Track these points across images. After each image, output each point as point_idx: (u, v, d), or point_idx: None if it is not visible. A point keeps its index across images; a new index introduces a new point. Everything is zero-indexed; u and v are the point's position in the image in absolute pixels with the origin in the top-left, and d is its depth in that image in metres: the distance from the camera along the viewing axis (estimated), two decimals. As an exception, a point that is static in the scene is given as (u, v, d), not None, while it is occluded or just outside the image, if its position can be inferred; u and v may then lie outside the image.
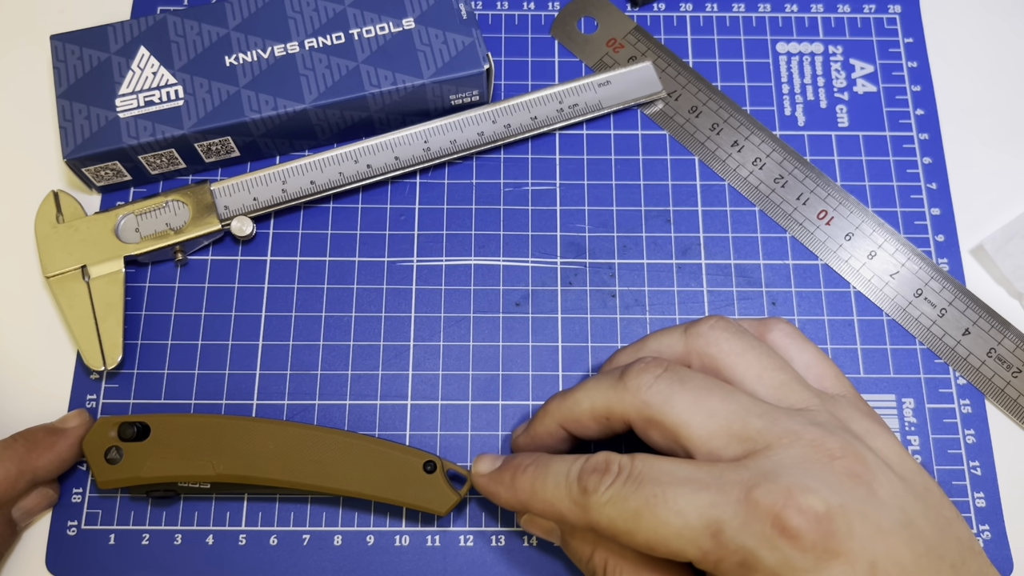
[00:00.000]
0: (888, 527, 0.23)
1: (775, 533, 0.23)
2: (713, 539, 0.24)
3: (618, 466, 0.26)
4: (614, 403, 0.28)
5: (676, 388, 0.27)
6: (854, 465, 0.24)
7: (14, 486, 0.31)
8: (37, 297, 0.37)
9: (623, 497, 0.25)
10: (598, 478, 0.26)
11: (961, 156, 0.40)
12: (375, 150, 0.37)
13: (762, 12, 0.42)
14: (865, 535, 0.23)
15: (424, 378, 0.36)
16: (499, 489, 0.29)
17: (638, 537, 0.25)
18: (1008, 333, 0.36)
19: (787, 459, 0.24)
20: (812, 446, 0.25)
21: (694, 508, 0.24)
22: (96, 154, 0.36)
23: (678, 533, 0.24)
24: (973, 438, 0.35)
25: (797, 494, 0.23)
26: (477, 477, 0.30)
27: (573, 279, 0.37)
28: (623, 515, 0.25)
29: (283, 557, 0.33)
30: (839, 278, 0.38)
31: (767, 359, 0.28)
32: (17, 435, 0.33)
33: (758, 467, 0.24)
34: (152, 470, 0.32)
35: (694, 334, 0.29)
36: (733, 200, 0.39)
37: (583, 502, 0.26)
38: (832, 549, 0.23)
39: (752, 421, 0.26)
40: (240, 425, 0.33)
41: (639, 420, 0.27)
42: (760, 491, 0.23)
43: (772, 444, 0.25)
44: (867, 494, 0.24)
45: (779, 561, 0.23)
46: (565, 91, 0.39)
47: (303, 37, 0.37)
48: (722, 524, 0.23)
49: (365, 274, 0.37)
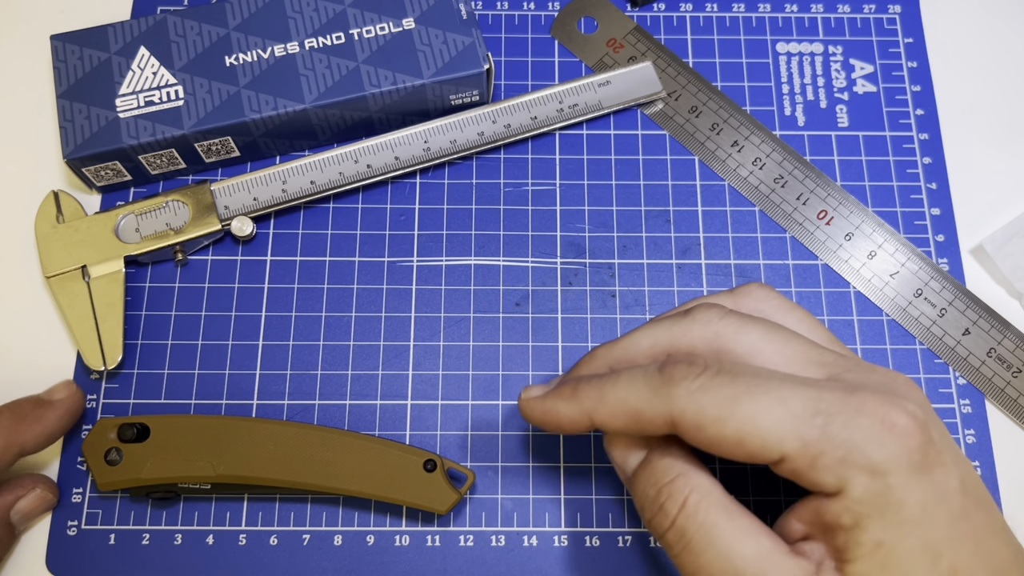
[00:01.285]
0: (961, 456, 0.24)
1: (884, 430, 0.23)
2: (819, 430, 0.23)
3: (705, 361, 0.25)
4: (679, 337, 0.27)
5: (746, 320, 0.26)
6: (926, 401, 0.25)
7: (0, 459, 0.31)
8: (37, 297, 0.37)
9: (718, 384, 0.24)
10: (686, 368, 0.24)
11: (961, 156, 0.40)
12: (375, 150, 0.37)
13: (762, 12, 0.42)
14: (952, 453, 0.24)
15: (424, 378, 0.36)
16: (558, 402, 0.27)
17: (729, 425, 0.23)
18: (1008, 333, 0.36)
19: (871, 380, 0.24)
20: (887, 376, 0.25)
21: (799, 398, 0.23)
22: (96, 154, 0.36)
23: (779, 421, 0.23)
24: (973, 438, 0.35)
25: (899, 399, 0.23)
26: (529, 401, 0.28)
27: (573, 279, 0.37)
28: (716, 401, 0.23)
29: (283, 557, 0.33)
30: (839, 278, 0.38)
31: (814, 319, 0.28)
32: (3, 407, 0.32)
33: (849, 380, 0.24)
34: (152, 471, 0.32)
35: (743, 292, 0.29)
36: (733, 200, 0.39)
37: (667, 391, 0.24)
38: (932, 456, 0.23)
39: (824, 353, 0.26)
40: (240, 425, 0.33)
41: (708, 352, 0.26)
42: (864, 392, 0.23)
43: (851, 369, 0.25)
44: (942, 425, 0.24)
45: (887, 457, 0.22)
46: (565, 91, 0.39)
47: (303, 37, 0.37)
48: (830, 416, 0.23)
49: (365, 274, 0.37)
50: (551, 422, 0.27)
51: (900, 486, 0.22)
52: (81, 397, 0.34)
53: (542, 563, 0.33)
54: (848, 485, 0.23)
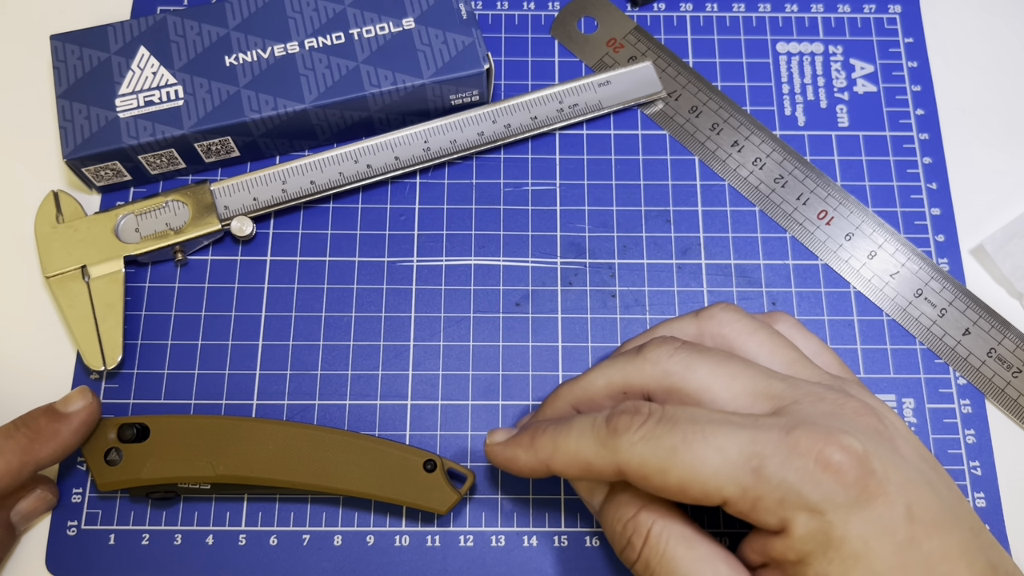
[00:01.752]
0: (915, 478, 0.24)
1: (818, 469, 0.23)
2: (754, 475, 0.23)
3: (648, 408, 0.25)
4: (632, 376, 0.28)
5: (696, 357, 0.27)
6: (876, 423, 0.25)
7: (17, 478, 0.30)
8: (37, 297, 0.37)
9: (657, 435, 0.24)
10: (629, 418, 0.25)
11: (961, 156, 0.40)
12: (375, 150, 0.37)
13: (762, 12, 0.42)
14: (898, 480, 0.23)
15: (424, 378, 0.36)
16: (517, 451, 0.28)
17: (672, 475, 0.24)
18: (1008, 333, 0.36)
19: (816, 411, 0.25)
20: (835, 404, 0.25)
21: (734, 444, 0.24)
22: (96, 154, 0.36)
23: (716, 470, 0.23)
24: (973, 438, 0.35)
25: (836, 433, 0.23)
26: (492, 447, 0.29)
27: (573, 279, 0.37)
28: (657, 452, 0.24)
29: (283, 557, 0.33)
30: (839, 278, 0.38)
31: (777, 339, 0.28)
32: (18, 422, 0.31)
33: (790, 414, 0.24)
34: (152, 471, 0.32)
35: (706, 317, 0.29)
36: (733, 200, 0.39)
37: (612, 443, 0.25)
38: (871, 489, 0.23)
39: (774, 384, 0.26)
40: (240, 425, 0.33)
41: (659, 391, 0.27)
42: (800, 431, 0.23)
43: (798, 400, 0.25)
44: (892, 447, 0.24)
45: (822, 497, 0.23)
46: (565, 91, 0.39)
47: (303, 37, 0.37)
48: (764, 459, 0.23)
49: (365, 274, 0.37)
50: (512, 469, 0.28)
51: (839, 522, 0.23)
52: (97, 407, 0.33)
53: (542, 563, 0.33)
54: (790, 525, 0.23)
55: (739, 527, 0.34)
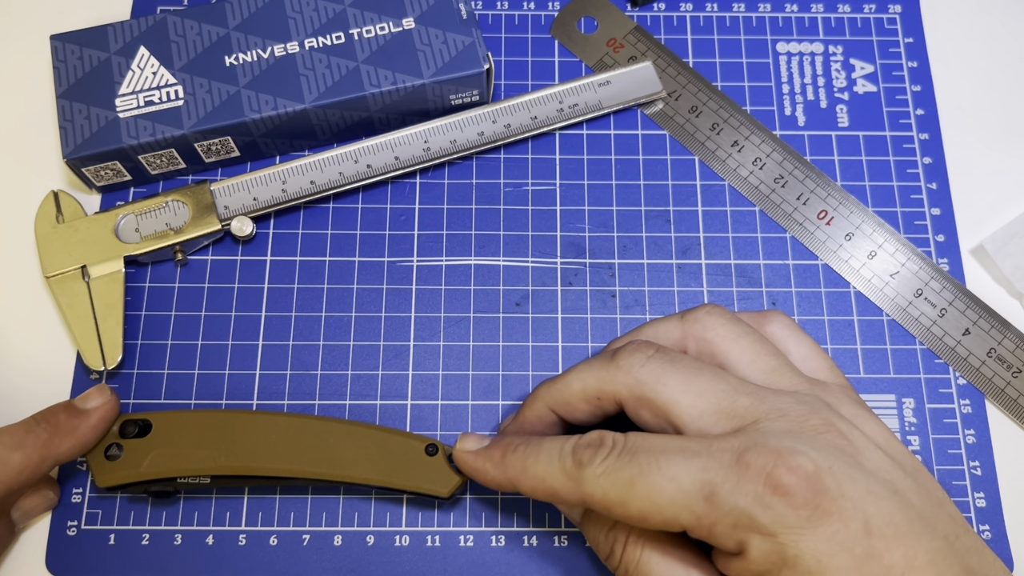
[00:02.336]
0: (877, 491, 0.24)
1: (767, 492, 0.23)
2: (706, 502, 0.24)
3: (612, 440, 0.26)
4: (606, 383, 0.28)
5: (668, 368, 0.27)
6: (838, 439, 0.25)
7: (36, 472, 0.30)
8: (37, 297, 0.37)
9: (617, 468, 0.25)
10: (592, 452, 0.26)
11: (961, 156, 0.40)
12: (375, 150, 0.37)
13: (762, 12, 0.42)
14: (855, 495, 0.23)
15: (424, 378, 0.36)
16: (487, 466, 0.29)
17: (631, 507, 0.25)
18: (1008, 333, 0.36)
19: (774, 430, 0.25)
20: (797, 421, 0.25)
21: (687, 473, 0.24)
22: (96, 154, 0.36)
23: (672, 499, 0.24)
24: (973, 438, 0.35)
25: (787, 455, 0.24)
26: (462, 454, 0.30)
27: (573, 279, 0.37)
28: (617, 485, 0.25)
29: (283, 557, 0.33)
30: (839, 278, 0.38)
31: (760, 345, 0.29)
32: (38, 417, 0.31)
33: (746, 436, 0.25)
34: (152, 466, 0.32)
35: (691, 320, 0.30)
36: (733, 200, 0.39)
37: (577, 475, 0.26)
38: (824, 507, 0.23)
39: (740, 400, 0.26)
40: (241, 418, 0.33)
41: (631, 399, 0.28)
42: (751, 454, 0.24)
43: (759, 419, 0.25)
44: (853, 462, 0.24)
45: (773, 519, 0.23)
46: (565, 91, 0.39)
47: (303, 37, 0.37)
48: (715, 487, 0.24)
49: (365, 274, 0.37)
50: (480, 480, 0.29)
51: (792, 543, 0.23)
52: (115, 404, 0.33)
53: (542, 563, 0.33)
54: (746, 547, 0.24)
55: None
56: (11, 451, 0.30)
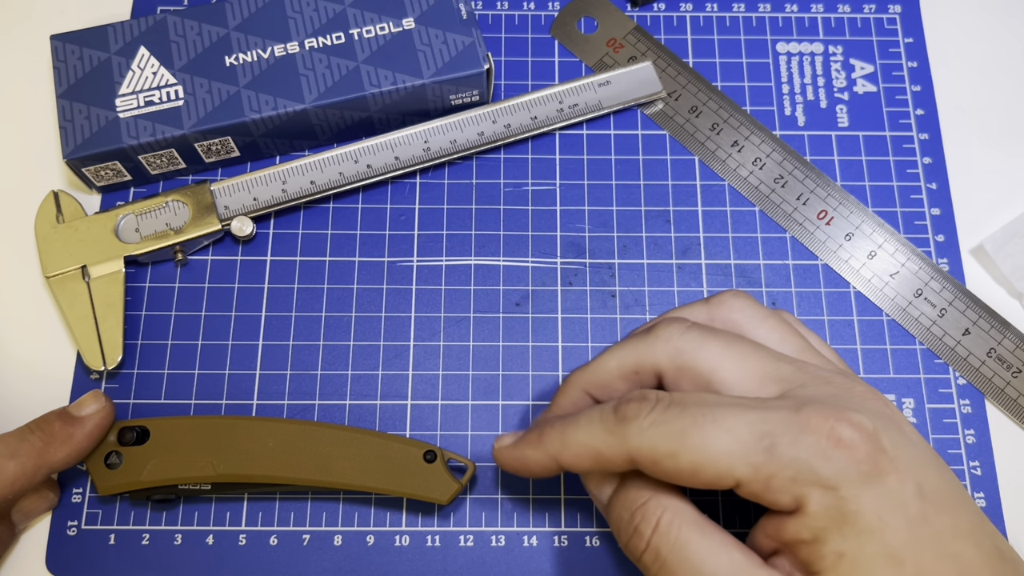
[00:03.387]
0: (924, 458, 0.24)
1: (830, 444, 0.23)
2: (766, 453, 0.23)
3: (656, 396, 0.25)
4: (644, 355, 0.28)
5: (707, 335, 0.27)
6: (884, 407, 0.25)
7: (31, 481, 0.30)
8: (37, 297, 0.37)
9: (667, 420, 0.24)
10: (637, 405, 0.25)
11: (961, 156, 0.40)
12: (375, 150, 0.37)
13: (762, 12, 0.42)
14: (908, 458, 0.24)
15: (424, 378, 0.36)
16: (526, 451, 0.28)
17: (683, 459, 0.24)
18: (1008, 333, 0.36)
19: (823, 393, 0.25)
20: (843, 387, 0.25)
21: (744, 424, 0.24)
22: (96, 154, 0.36)
23: (728, 449, 0.23)
24: (973, 438, 0.35)
25: (847, 412, 0.24)
26: (501, 450, 0.29)
27: (573, 279, 0.37)
28: (667, 436, 0.24)
29: (283, 557, 0.33)
30: (839, 278, 0.38)
31: (787, 327, 0.28)
32: (32, 426, 0.31)
33: (799, 396, 0.25)
34: (152, 473, 0.32)
35: (716, 303, 0.29)
36: (733, 200, 0.39)
37: (621, 431, 0.25)
38: (882, 464, 0.23)
39: (782, 367, 0.26)
40: (239, 424, 0.33)
41: (671, 369, 0.27)
42: (810, 409, 0.24)
43: (806, 383, 0.25)
44: (900, 429, 0.24)
45: (834, 472, 0.23)
46: (565, 91, 0.39)
47: (303, 37, 0.37)
48: (775, 438, 0.23)
49: (365, 274, 0.37)
50: (523, 469, 0.28)
51: (852, 498, 0.23)
52: (111, 411, 0.33)
53: (542, 563, 0.33)
54: (804, 502, 0.23)
55: (740, 526, 0.34)
56: (6, 460, 0.30)
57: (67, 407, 0.32)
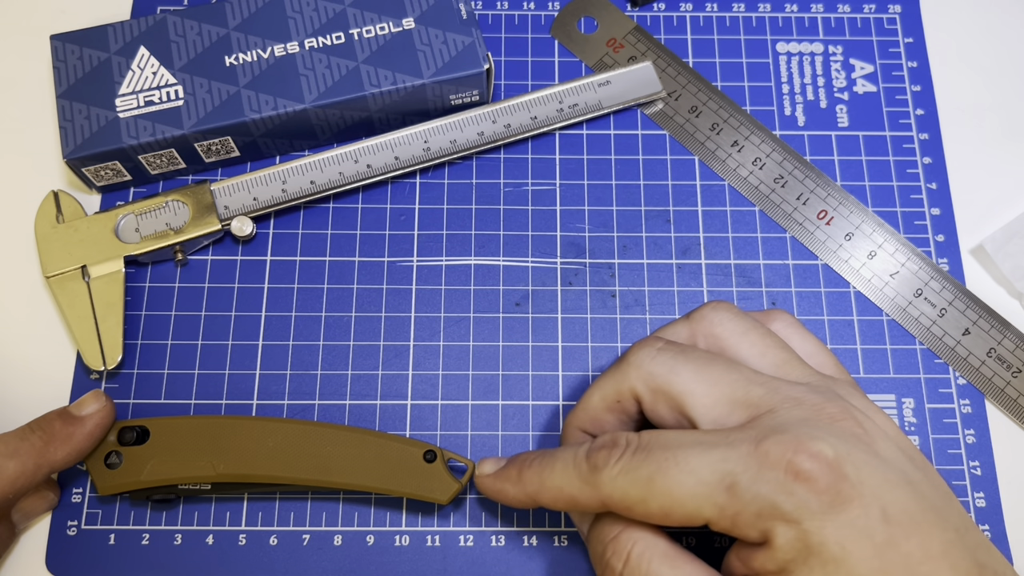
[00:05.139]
0: (893, 479, 0.24)
1: (789, 478, 0.23)
2: (728, 492, 0.24)
3: (625, 440, 0.26)
4: (621, 384, 0.28)
5: (679, 358, 0.27)
6: (854, 427, 0.25)
7: (31, 481, 0.30)
8: (37, 297, 0.37)
9: (634, 467, 0.25)
10: (607, 453, 0.26)
11: (961, 156, 0.40)
12: (375, 150, 0.37)
13: (762, 12, 0.42)
14: (873, 482, 0.23)
15: (424, 378, 0.36)
16: (505, 486, 0.29)
17: (652, 504, 0.25)
18: (1008, 333, 0.36)
19: (790, 418, 0.25)
20: (813, 409, 0.25)
21: (706, 465, 0.24)
22: (96, 154, 0.36)
23: (692, 492, 0.24)
24: (973, 438, 0.35)
25: (806, 441, 0.24)
26: (481, 479, 0.30)
27: (573, 279, 0.37)
28: (636, 483, 0.25)
29: (283, 557, 0.33)
30: (839, 278, 0.38)
31: (769, 339, 0.29)
32: (33, 425, 0.31)
33: (763, 425, 0.25)
34: (152, 473, 0.32)
35: (697, 318, 0.30)
36: (733, 200, 0.39)
37: (594, 479, 0.26)
38: (845, 493, 0.23)
39: (753, 389, 0.26)
40: (239, 424, 0.33)
41: (647, 393, 0.27)
42: (769, 442, 0.24)
43: (774, 408, 0.25)
44: (870, 450, 0.24)
45: (796, 506, 0.23)
46: (565, 91, 0.39)
47: (303, 37, 0.37)
48: (736, 476, 0.24)
49: (365, 274, 0.37)
50: (502, 501, 0.29)
51: (816, 530, 0.23)
52: (111, 411, 0.33)
53: (542, 563, 0.33)
54: (771, 536, 0.23)
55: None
56: (6, 459, 0.30)
57: (67, 407, 0.32)
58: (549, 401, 0.36)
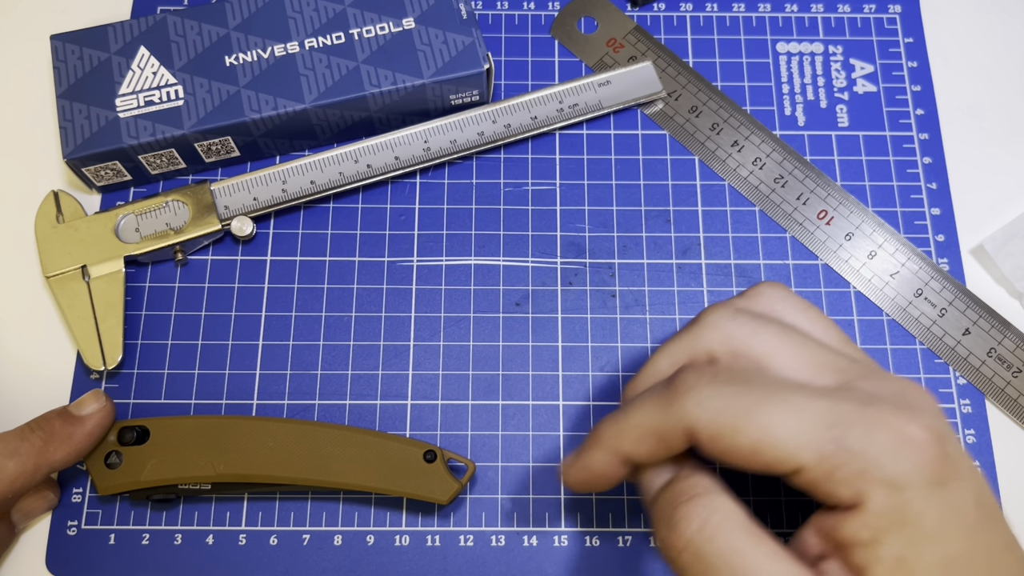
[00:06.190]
0: (976, 469, 0.24)
1: (901, 444, 0.22)
2: (835, 443, 0.22)
3: (716, 365, 0.24)
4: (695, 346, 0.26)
5: (759, 323, 0.26)
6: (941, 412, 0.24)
7: (31, 480, 0.30)
8: (37, 297, 0.37)
9: (729, 393, 0.23)
10: (695, 374, 0.24)
11: (961, 156, 0.40)
12: (375, 150, 0.37)
13: (762, 12, 0.42)
14: (966, 467, 0.23)
15: (424, 378, 0.36)
16: (587, 457, 0.26)
17: (743, 437, 0.23)
18: (1008, 333, 0.36)
19: (883, 389, 0.24)
20: (900, 385, 0.24)
21: (813, 410, 0.23)
22: (96, 154, 0.36)
23: (795, 433, 0.22)
24: (973, 438, 0.35)
25: (918, 413, 0.23)
26: (565, 469, 0.27)
27: (573, 279, 0.37)
28: (728, 411, 0.23)
29: (283, 557, 0.33)
30: (839, 278, 0.38)
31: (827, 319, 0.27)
32: (32, 425, 0.31)
33: (862, 390, 0.24)
34: (152, 473, 0.32)
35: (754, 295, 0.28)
36: (733, 200, 0.39)
37: (678, 404, 0.24)
38: (947, 470, 0.22)
39: (838, 358, 0.25)
40: (239, 424, 0.33)
41: (725, 354, 0.26)
42: (881, 405, 0.23)
43: (863, 376, 0.24)
44: (957, 437, 0.24)
45: (904, 472, 0.22)
46: (565, 91, 0.39)
47: (303, 37, 0.37)
48: (845, 428, 0.22)
49: (365, 274, 0.37)
50: (590, 477, 0.27)
51: (918, 500, 0.22)
52: (111, 410, 0.33)
53: (542, 563, 0.33)
54: (865, 499, 0.22)
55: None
56: (5, 459, 0.30)
57: (67, 406, 0.32)
58: (549, 401, 0.36)
